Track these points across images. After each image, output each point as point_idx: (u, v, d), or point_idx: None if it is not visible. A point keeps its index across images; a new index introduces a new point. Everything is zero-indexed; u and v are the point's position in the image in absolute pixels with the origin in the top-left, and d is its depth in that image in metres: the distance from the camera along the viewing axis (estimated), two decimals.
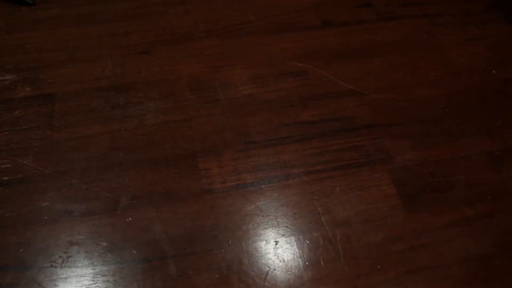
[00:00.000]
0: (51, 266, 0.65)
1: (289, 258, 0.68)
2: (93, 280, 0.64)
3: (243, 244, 0.68)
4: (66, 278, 0.64)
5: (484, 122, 0.84)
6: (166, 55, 0.90)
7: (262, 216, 0.71)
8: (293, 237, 0.69)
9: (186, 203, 0.71)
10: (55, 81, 0.85)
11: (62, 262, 0.66)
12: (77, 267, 0.65)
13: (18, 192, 0.72)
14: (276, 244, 0.69)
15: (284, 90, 0.86)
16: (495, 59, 0.93)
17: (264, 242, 0.69)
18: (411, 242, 0.69)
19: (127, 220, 0.70)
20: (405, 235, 0.70)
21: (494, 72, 0.91)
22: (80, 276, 0.65)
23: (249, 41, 0.93)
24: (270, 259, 0.67)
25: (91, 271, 0.65)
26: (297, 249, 0.68)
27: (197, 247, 0.67)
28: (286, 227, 0.70)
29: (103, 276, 0.65)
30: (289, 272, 0.66)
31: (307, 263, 0.67)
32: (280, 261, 0.67)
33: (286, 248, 0.68)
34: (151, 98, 0.84)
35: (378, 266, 0.67)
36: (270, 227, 0.70)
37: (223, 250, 0.67)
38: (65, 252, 0.66)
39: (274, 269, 0.66)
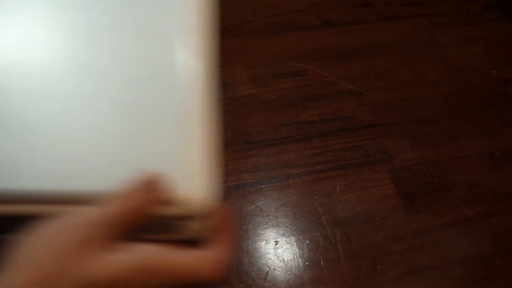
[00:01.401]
0: None
1: (289, 258, 0.68)
2: None
3: (243, 244, 0.68)
4: None
5: (484, 122, 0.83)
6: None
7: (262, 216, 0.71)
8: (293, 237, 0.69)
9: None
10: None
11: None
12: None
13: None
14: (276, 244, 0.69)
15: (284, 90, 0.86)
16: (495, 59, 0.93)
17: (264, 242, 0.69)
18: (411, 242, 0.69)
19: None
20: (405, 235, 0.70)
21: (494, 72, 0.91)
22: None
23: (249, 41, 0.93)
24: (270, 259, 0.67)
25: None
26: (297, 249, 0.68)
27: None
28: (286, 227, 0.70)
29: None
30: (289, 272, 0.66)
31: (307, 263, 0.67)
32: (280, 261, 0.67)
33: (286, 248, 0.68)
34: None
35: (378, 266, 0.67)
36: (270, 227, 0.70)
37: None
38: None
39: (274, 269, 0.66)
